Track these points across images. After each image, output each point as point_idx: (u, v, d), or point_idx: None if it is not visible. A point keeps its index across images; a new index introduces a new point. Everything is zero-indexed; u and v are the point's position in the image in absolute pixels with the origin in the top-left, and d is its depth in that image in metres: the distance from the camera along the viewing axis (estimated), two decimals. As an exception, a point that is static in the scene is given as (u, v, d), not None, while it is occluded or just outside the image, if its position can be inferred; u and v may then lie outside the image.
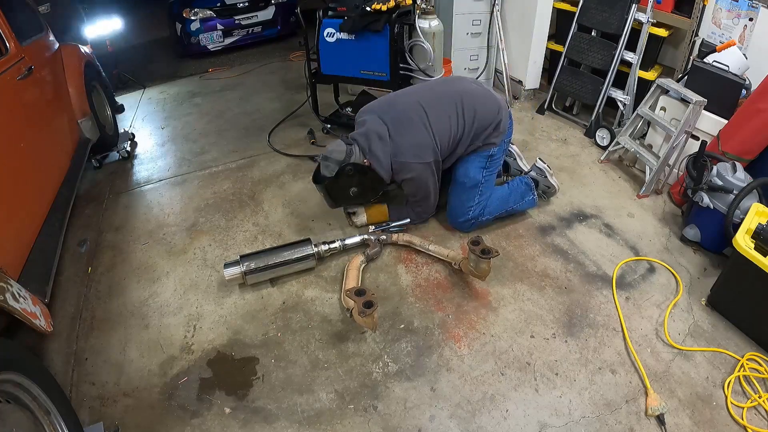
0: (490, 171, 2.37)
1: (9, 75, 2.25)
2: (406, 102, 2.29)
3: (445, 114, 2.23)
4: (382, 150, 2.20)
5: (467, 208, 2.39)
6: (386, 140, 2.20)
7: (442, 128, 2.22)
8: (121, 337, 2.04)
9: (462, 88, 2.35)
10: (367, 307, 1.71)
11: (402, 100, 2.32)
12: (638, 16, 3.02)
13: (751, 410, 1.69)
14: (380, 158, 2.20)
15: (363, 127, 2.28)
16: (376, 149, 2.19)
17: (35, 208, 2.19)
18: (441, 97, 2.30)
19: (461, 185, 2.37)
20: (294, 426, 1.67)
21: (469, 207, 2.38)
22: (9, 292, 1.51)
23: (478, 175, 2.34)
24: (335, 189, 2.28)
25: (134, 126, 3.99)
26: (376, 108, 2.34)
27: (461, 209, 2.40)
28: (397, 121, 2.23)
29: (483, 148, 2.31)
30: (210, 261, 2.41)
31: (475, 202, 2.38)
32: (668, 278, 2.23)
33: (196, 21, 5.41)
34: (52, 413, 1.39)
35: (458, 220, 2.44)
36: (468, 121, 2.24)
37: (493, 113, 2.29)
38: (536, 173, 2.60)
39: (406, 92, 2.42)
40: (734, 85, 2.45)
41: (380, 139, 2.20)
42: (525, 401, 1.72)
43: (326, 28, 3.06)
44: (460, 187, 2.37)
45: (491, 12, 3.69)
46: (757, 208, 2.03)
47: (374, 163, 2.21)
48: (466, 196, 2.37)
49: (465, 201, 2.38)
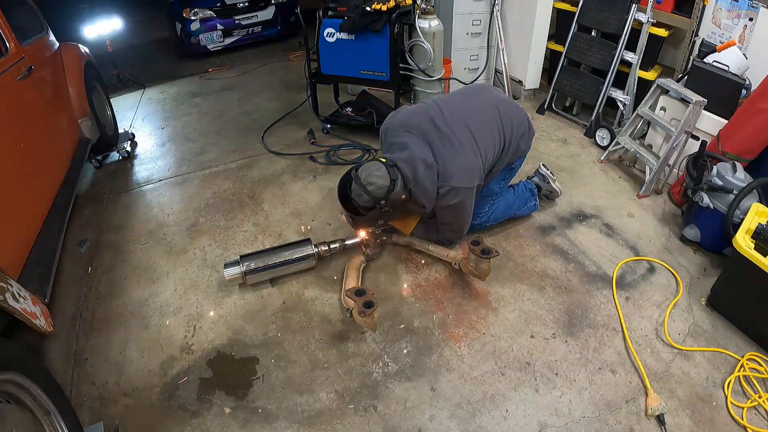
0: (506, 182, 2.36)
1: (9, 75, 2.25)
2: (451, 121, 2.04)
3: (490, 132, 2.07)
4: (429, 180, 1.97)
5: (476, 215, 2.33)
6: (433, 168, 1.97)
7: (488, 148, 2.05)
8: (121, 337, 2.04)
9: (495, 98, 2.20)
10: (367, 307, 1.71)
11: (445, 117, 2.05)
12: (638, 16, 3.02)
13: (751, 410, 1.69)
14: (427, 189, 1.98)
15: (405, 151, 2.01)
16: (424, 179, 1.96)
17: (35, 208, 2.19)
18: (481, 111, 2.12)
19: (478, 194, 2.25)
20: (294, 426, 1.67)
21: (478, 213, 2.35)
22: (9, 292, 1.51)
23: (495, 186, 2.32)
24: (364, 219, 2.10)
25: (134, 126, 3.99)
26: (413, 126, 2.06)
27: None
28: (444, 143, 1.99)
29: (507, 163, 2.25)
30: (210, 261, 2.41)
31: (485, 209, 2.36)
32: (668, 278, 2.23)
33: (196, 21, 5.42)
34: (52, 413, 1.39)
35: None
36: (507, 135, 2.12)
37: (524, 125, 2.21)
38: (539, 179, 2.59)
39: (445, 106, 2.11)
40: (734, 85, 2.45)
41: (427, 168, 1.96)
42: (525, 401, 1.72)
43: (326, 28, 3.06)
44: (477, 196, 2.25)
45: (491, 12, 3.69)
46: (757, 208, 2.03)
47: (419, 193, 2.00)
48: (480, 204, 2.32)
49: (476, 208, 2.29)
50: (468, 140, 2.01)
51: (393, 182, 1.93)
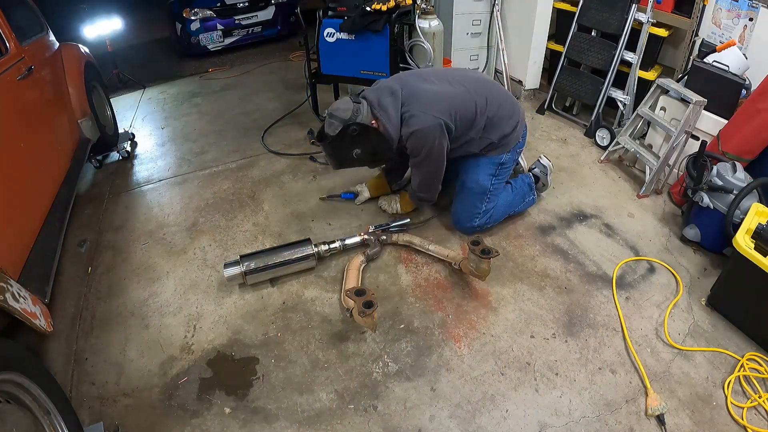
0: (499, 179, 2.34)
1: (9, 75, 2.24)
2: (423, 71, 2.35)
3: (462, 86, 2.19)
4: (393, 105, 2.11)
5: (474, 215, 2.35)
6: (398, 96, 2.12)
7: (457, 97, 2.15)
8: (121, 337, 2.04)
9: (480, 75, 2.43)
10: (367, 307, 1.71)
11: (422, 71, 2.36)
12: (638, 16, 3.01)
13: (751, 410, 1.69)
14: (389, 113, 2.11)
15: (375, 85, 2.25)
16: (386, 104, 2.11)
17: (35, 208, 2.18)
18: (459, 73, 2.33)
19: (469, 191, 2.32)
20: (294, 426, 1.67)
21: (476, 213, 2.35)
22: (9, 292, 1.51)
23: (486, 182, 2.30)
24: (338, 149, 2.17)
25: (134, 126, 3.99)
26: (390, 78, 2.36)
27: (467, 215, 2.36)
28: (413, 80, 2.19)
29: (495, 152, 2.27)
30: (210, 261, 2.41)
31: (482, 209, 2.34)
32: (668, 278, 2.23)
33: (196, 21, 5.41)
34: (52, 413, 1.39)
35: (465, 226, 2.41)
36: (482, 102, 2.18)
37: (511, 105, 2.29)
38: (539, 170, 2.59)
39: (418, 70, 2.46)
40: (734, 85, 2.45)
41: (391, 94, 2.12)
42: (525, 401, 1.72)
43: (326, 28, 3.06)
44: (468, 193, 2.33)
45: (491, 12, 3.69)
46: (757, 208, 2.03)
47: (382, 117, 2.12)
48: (473, 203, 2.33)
49: (471, 208, 2.34)
50: (438, 80, 2.19)
51: (356, 106, 2.11)
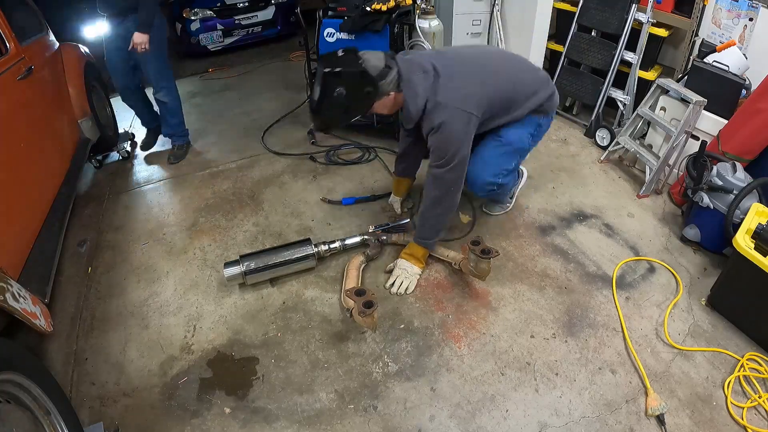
0: (535, 141, 2.28)
1: (9, 75, 2.25)
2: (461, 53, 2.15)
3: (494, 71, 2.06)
4: (423, 83, 1.89)
5: (500, 171, 2.20)
6: (430, 75, 1.91)
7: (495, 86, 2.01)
8: (121, 337, 2.04)
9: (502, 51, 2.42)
10: (367, 307, 1.71)
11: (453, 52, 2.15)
12: (638, 16, 3.01)
13: (751, 410, 1.69)
14: (417, 91, 1.89)
15: (408, 55, 2.03)
16: (417, 80, 1.89)
17: (35, 208, 2.19)
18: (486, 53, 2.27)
19: (507, 145, 2.16)
20: (294, 426, 1.67)
21: (503, 170, 2.21)
22: (9, 292, 1.51)
23: (526, 140, 2.19)
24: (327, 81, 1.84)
25: (134, 126, 3.98)
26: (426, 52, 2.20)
27: (494, 169, 2.18)
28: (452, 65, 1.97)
29: (534, 114, 2.15)
30: (210, 261, 2.41)
31: (512, 166, 2.23)
32: (668, 278, 2.23)
33: (196, 21, 5.41)
34: (52, 413, 1.39)
35: (486, 180, 2.18)
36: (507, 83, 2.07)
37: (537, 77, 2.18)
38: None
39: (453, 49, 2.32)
40: (734, 85, 2.45)
41: (424, 72, 1.91)
42: (525, 401, 1.72)
43: (326, 28, 3.06)
44: (504, 147, 2.16)
45: (491, 12, 3.69)
46: (757, 208, 2.03)
47: (408, 93, 1.90)
48: (505, 158, 2.19)
49: (503, 162, 2.18)
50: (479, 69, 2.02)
51: (387, 68, 1.88)
